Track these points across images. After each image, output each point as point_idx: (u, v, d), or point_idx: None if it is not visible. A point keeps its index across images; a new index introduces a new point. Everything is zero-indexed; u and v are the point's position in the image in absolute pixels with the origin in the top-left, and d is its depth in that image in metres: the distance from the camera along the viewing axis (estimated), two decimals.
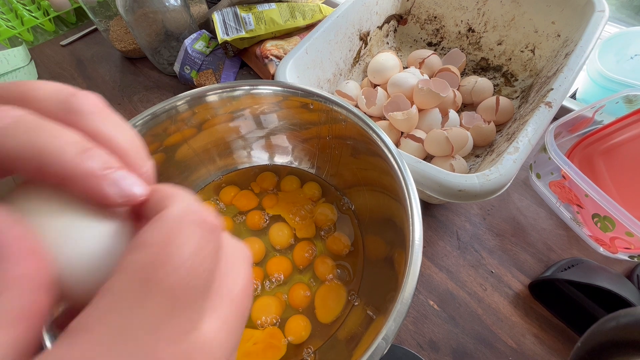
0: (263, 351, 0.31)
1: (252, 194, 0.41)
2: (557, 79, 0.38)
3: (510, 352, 0.35)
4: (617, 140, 0.41)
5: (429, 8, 0.58)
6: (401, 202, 0.26)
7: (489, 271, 0.40)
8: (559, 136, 0.43)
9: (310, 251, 0.37)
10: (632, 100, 0.41)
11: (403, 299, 0.21)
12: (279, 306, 0.34)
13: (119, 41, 0.65)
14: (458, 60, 0.54)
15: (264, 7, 0.56)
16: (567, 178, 0.38)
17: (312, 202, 0.40)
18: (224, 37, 0.55)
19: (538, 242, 0.42)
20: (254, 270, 0.36)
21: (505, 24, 0.52)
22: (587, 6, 0.43)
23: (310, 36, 0.46)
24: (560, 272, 0.37)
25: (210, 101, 0.34)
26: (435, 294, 0.39)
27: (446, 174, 0.32)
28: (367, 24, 0.54)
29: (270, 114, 0.37)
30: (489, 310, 0.38)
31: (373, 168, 0.32)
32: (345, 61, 0.53)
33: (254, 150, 0.42)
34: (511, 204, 0.45)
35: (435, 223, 0.44)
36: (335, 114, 0.33)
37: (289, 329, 0.32)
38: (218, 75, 0.58)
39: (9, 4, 0.77)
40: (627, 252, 0.37)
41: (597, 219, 0.37)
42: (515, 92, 0.52)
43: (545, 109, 0.36)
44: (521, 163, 0.33)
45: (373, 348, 0.20)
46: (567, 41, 0.44)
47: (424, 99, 0.45)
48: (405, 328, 0.37)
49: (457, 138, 0.41)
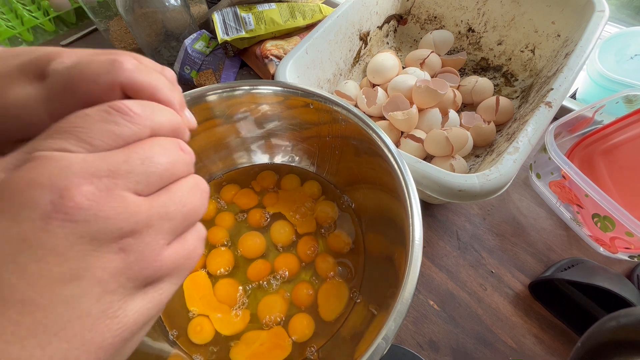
0: (269, 351, 0.31)
1: (253, 193, 0.41)
2: (557, 79, 0.38)
3: (510, 352, 0.35)
4: (617, 140, 0.41)
5: (429, 8, 0.58)
6: (401, 202, 0.26)
7: (489, 271, 0.40)
8: (559, 136, 0.43)
9: (313, 247, 0.37)
10: (632, 100, 0.41)
11: (403, 299, 0.21)
12: (284, 305, 0.34)
13: (119, 41, 0.65)
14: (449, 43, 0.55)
15: (264, 7, 0.56)
16: (567, 178, 0.38)
17: (312, 200, 0.40)
18: (224, 37, 0.55)
19: (538, 242, 0.42)
20: (258, 265, 0.36)
21: (505, 24, 0.52)
22: (587, 6, 0.43)
23: (310, 36, 0.46)
24: (560, 272, 0.37)
25: (210, 101, 0.34)
26: (435, 294, 0.39)
27: (446, 174, 0.32)
28: (367, 24, 0.54)
29: (270, 114, 0.37)
30: (489, 310, 0.38)
31: (373, 168, 0.32)
32: (345, 61, 0.53)
33: (254, 149, 0.42)
34: (511, 204, 0.45)
35: (435, 223, 0.44)
36: (335, 113, 0.33)
37: (293, 328, 0.32)
38: (218, 75, 0.58)
39: (9, 4, 0.77)
40: (627, 252, 0.37)
41: (597, 219, 0.37)
42: (515, 92, 0.52)
43: (545, 109, 0.36)
44: (521, 163, 0.33)
45: (373, 348, 0.20)
46: (567, 41, 0.44)
47: (423, 98, 0.45)
48: (405, 328, 0.37)
49: (457, 138, 0.41)
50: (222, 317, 0.33)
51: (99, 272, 0.11)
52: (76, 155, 0.11)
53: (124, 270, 0.11)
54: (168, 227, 0.13)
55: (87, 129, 0.12)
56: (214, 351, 0.32)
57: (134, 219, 0.11)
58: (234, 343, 0.32)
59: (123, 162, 0.12)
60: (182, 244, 0.13)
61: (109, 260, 0.11)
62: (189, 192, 0.14)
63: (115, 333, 0.11)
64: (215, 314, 0.33)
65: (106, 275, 0.11)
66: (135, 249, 0.11)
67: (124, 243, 0.11)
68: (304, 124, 0.38)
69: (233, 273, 0.36)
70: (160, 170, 0.13)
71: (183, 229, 0.14)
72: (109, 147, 0.12)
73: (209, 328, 0.33)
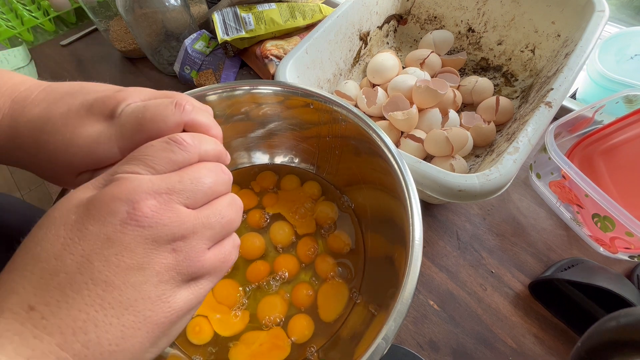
0: (268, 351, 0.31)
1: (252, 193, 0.41)
2: (557, 79, 0.38)
3: (510, 352, 0.35)
4: (617, 140, 0.41)
5: (429, 8, 0.58)
6: (401, 202, 0.26)
7: (489, 271, 0.40)
8: (559, 136, 0.43)
9: (313, 248, 0.37)
10: (632, 100, 0.41)
11: (403, 299, 0.21)
12: (284, 305, 0.34)
13: (119, 41, 0.65)
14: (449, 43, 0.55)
15: (264, 7, 0.56)
16: (567, 178, 0.38)
17: (312, 200, 0.40)
18: (224, 37, 0.55)
19: (538, 242, 0.42)
20: (258, 265, 0.36)
21: (505, 24, 0.52)
22: (587, 6, 0.43)
23: (310, 36, 0.45)
24: (560, 272, 0.37)
25: (210, 101, 0.34)
26: (435, 294, 0.39)
27: (446, 174, 0.32)
28: (367, 24, 0.54)
29: (270, 114, 0.37)
30: (489, 310, 0.38)
31: (373, 168, 0.32)
32: (345, 61, 0.53)
33: (253, 149, 0.42)
34: (511, 204, 0.45)
35: (435, 223, 0.44)
36: (335, 113, 0.33)
37: (293, 329, 0.32)
38: (218, 75, 0.58)
39: (9, 4, 0.77)
40: (627, 252, 0.37)
41: (597, 219, 0.37)
42: (515, 92, 0.52)
43: (545, 109, 0.36)
44: (521, 163, 0.33)
45: (373, 348, 0.20)
46: (567, 41, 0.44)
47: (422, 98, 0.45)
48: (405, 328, 0.37)
49: (457, 138, 0.41)
50: (221, 317, 0.33)
51: (157, 266, 0.14)
52: (144, 176, 0.15)
53: (174, 266, 0.15)
54: (209, 235, 0.16)
55: (152, 156, 0.15)
56: (213, 352, 0.32)
57: (184, 226, 0.15)
58: (233, 344, 0.32)
59: (177, 182, 0.15)
60: (220, 249, 0.17)
61: (165, 257, 0.14)
62: (227, 206, 0.17)
63: (167, 314, 0.15)
64: (214, 315, 0.33)
65: (162, 268, 0.14)
66: (184, 250, 0.15)
67: (176, 245, 0.15)
68: (304, 124, 0.38)
69: (232, 274, 0.36)
70: (205, 188, 0.16)
71: (221, 237, 0.17)
72: (168, 170, 0.15)
73: (208, 328, 0.32)
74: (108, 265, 0.13)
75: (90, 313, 0.13)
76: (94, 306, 0.13)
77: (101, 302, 0.13)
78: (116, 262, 0.13)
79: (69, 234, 0.14)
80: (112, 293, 0.13)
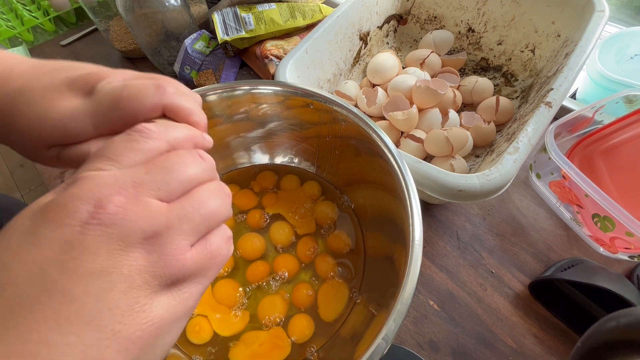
0: (269, 351, 0.31)
1: (252, 193, 0.41)
2: (557, 79, 0.38)
3: (510, 352, 0.35)
4: (617, 140, 0.41)
5: (429, 8, 0.58)
6: (401, 202, 0.26)
7: (489, 271, 0.40)
8: (559, 136, 0.43)
9: (313, 248, 0.37)
10: (632, 100, 0.41)
11: (403, 299, 0.21)
12: (284, 305, 0.34)
13: (119, 41, 0.65)
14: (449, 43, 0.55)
15: (264, 7, 0.56)
16: (567, 178, 0.38)
17: (312, 200, 0.40)
18: (224, 37, 0.55)
19: (538, 242, 0.42)
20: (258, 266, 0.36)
21: (505, 24, 0.52)
22: (587, 6, 0.43)
23: (310, 36, 0.45)
24: (560, 272, 0.37)
25: (210, 101, 0.34)
26: (435, 294, 0.39)
27: (446, 174, 0.32)
28: (367, 24, 0.54)
29: (270, 114, 0.37)
30: (489, 310, 0.38)
31: (373, 168, 0.32)
32: (345, 61, 0.53)
33: (253, 149, 0.42)
34: (511, 204, 0.45)
35: (435, 223, 0.44)
36: (335, 113, 0.33)
37: (293, 329, 0.32)
38: (218, 75, 0.58)
39: (9, 4, 0.77)
40: (627, 252, 0.37)
41: (597, 219, 0.37)
42: (515, 92, 0.52)
43: (545, 109, 0.36)
44: (521, 163, 0.33)
45: (373, 348, 0.20)
46: (567, 41, 0.44)
47: (422, 98, 0.45)
48: (405, 328, 0.37)
49: (457, 138, 0.41)
50: (220, 317, 0.33)
51: (125, 269, 0.12)
52: (108, 172, 0.13)
53: (147, 268, 0.13)
54: (188, 229, 0.14)
55: (114, 149, 0.14)
56: (213, 352, 0.32)
57: (156, 221, 0.13)
58: (233, 343, 0.32)
59: (145, 173, 0.13)
60: (205, 245, 0.14)
61: (134, 259, 0.12)
62: (209, 195, 0.15)
63: (143, 327, 0.12)
64: (214, 315, 0.33)
65: (132, 272, 0.12)
66: (157, 248, 0.13)
67: (147, 243, 0.13)
68: (304, 124, 0.38)
69: (232, 274, 0.36)
70: (179, 177, 0.14)
71: (205, 230, 0.15)
72: (134, 162, 0.14)
73: (208, 328, 0.33)
74: (65, 273, 0.11)
75: (42, 332, 0.11)
76: (46, 323, 0.11)
77: (56, 318, 0.11)
78: (74, 269, 0.11)
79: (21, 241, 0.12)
80: (70, 306, 0.11)
